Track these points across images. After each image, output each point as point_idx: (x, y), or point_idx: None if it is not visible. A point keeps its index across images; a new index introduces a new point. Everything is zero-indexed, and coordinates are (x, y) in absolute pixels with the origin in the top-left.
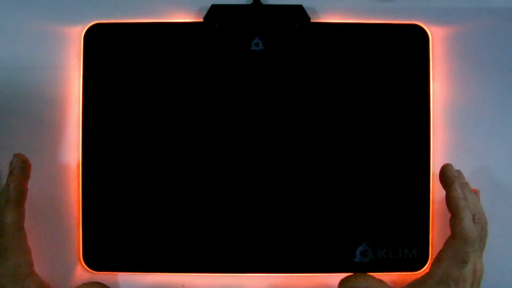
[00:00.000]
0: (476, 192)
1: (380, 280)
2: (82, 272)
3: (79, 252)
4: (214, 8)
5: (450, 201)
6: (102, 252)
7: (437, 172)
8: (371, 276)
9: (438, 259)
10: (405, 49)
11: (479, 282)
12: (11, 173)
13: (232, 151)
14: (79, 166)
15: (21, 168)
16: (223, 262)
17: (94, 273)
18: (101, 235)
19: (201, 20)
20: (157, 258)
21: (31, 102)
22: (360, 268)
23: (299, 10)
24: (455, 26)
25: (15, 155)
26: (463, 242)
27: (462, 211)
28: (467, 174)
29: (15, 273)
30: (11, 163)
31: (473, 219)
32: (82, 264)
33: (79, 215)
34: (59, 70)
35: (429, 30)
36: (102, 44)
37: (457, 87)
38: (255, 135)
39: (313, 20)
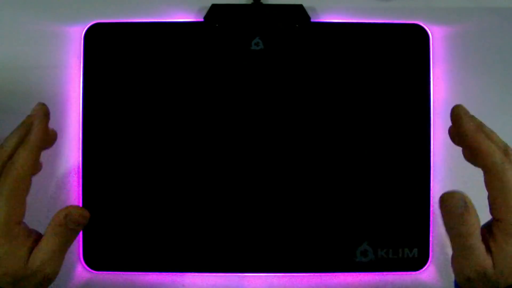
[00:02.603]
0: None
1: None
2: (82, 272)
3: (79, 252)
4: (214, 8)
5: (465, 138)
6: (102, 252)
7: (438, 172)
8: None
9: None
10: (405, 49)
11: None
12: (32, 116)
13: (232, 151)
14: (79, 166)
15: (45, 115)
16: (223, 262)
17: (94, 273)
18: (101, 235)
19: (201, 19)
20: (157, 258)
21: (31, 102)
22: (360, 267)
23: (299, 10)
24: (455, 26)
25: (39, 103)
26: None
27: (483, 143)
28: (467, 174)
29: (6, 219)
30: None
31: (506, 151)
32: (82, 264)
33: None
34: (59, 70)
35: (429, 30)
36: (102, 44)
37: (457, 87)
38: (255, 134)
39: (313, 20)
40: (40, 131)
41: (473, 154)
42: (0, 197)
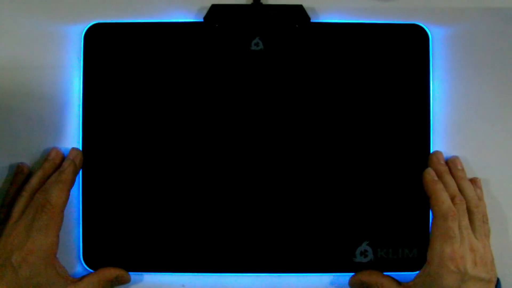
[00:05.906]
0: (475, 181)
1: (385, 276)
2: (82, 272)
3: (79, 251)
4: (214, 8)
5: (424, 185)
6: (102, 252)
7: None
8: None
9: (430, 245)
10: (405, 49)
11: (487, 263)
12: (67, 158)
13: (232, 151)
14: None
15: (76, 156)
16: (223, 262)
17: None
18: (101, 235)
19: (201, 20)
20: (157, 258)
21: (31, 102)
22: (360, 268)
23: (299, 10)
24: (455, 26)
25: (72, 148)
26: (442, 218)
27: (435, 192)
28: (467, 173)
29: (47, 252)
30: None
31: (453, 200)
32: (82, 264)
33: (79, 215)
34: (59, 70)
35: (429, 30)
36: (102, 44)
37: (457, 86)
38: (255, 135)
39: (313, 20)
40: (70, 172)
41: (427, 194)
42: (39, 231)
